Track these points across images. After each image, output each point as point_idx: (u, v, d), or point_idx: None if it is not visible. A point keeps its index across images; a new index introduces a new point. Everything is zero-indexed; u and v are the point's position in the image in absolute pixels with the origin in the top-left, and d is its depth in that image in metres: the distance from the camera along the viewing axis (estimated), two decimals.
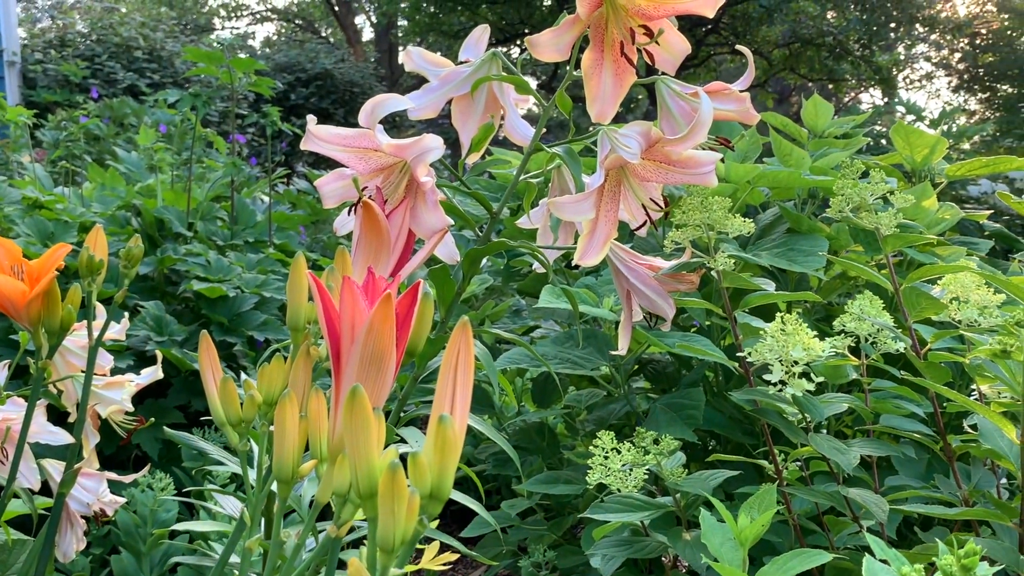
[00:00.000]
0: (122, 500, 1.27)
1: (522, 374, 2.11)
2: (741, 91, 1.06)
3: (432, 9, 9.99)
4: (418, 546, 0.63)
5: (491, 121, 1.04)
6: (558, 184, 1.17)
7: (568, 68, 1.02)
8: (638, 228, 1.00)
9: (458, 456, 0.54)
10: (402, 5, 10.37)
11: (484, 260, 1.32)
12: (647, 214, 0.98)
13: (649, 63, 0.99)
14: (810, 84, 14.39)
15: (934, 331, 1.16)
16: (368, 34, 19.79)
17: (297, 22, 21.49)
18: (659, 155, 0.97)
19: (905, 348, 1.05)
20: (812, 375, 0.96)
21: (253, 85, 2.61)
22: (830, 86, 14.47)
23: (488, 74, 1.12)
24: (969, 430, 1.05)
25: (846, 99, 16.41)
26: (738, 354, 1.05)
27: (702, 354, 1.20)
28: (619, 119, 1.11)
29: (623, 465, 1.08)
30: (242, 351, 2.23)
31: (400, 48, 17.09)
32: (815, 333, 0.94)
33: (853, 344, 1.16)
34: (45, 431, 1.15)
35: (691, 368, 1.59)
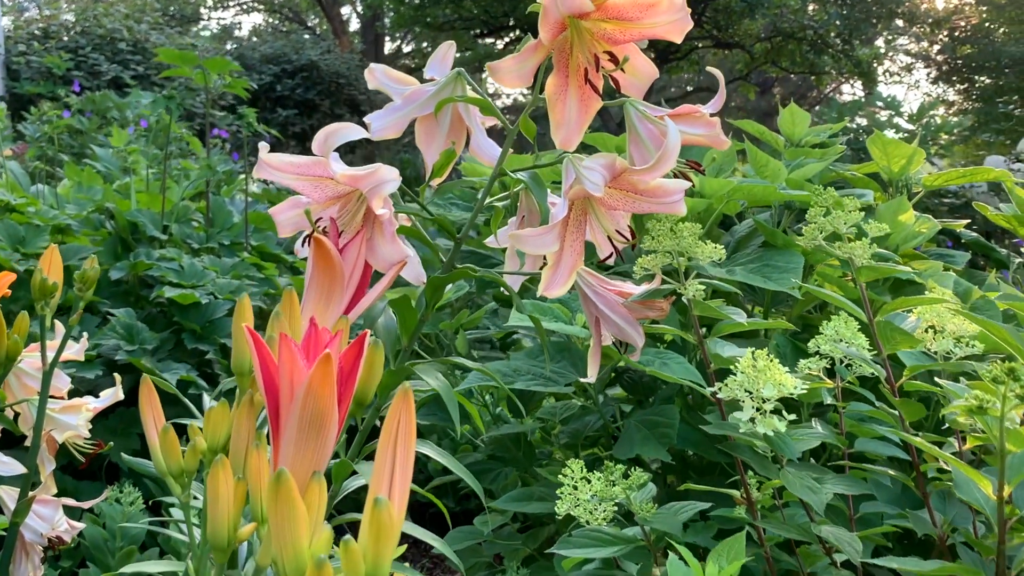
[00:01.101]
0: (80, 526, 1.23)
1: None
2: (711, 115, 1.03)
3: (417, 1, 9.92)
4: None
5: (452, 147, 1.00)
6: (526, 205, 1.14)
7: (533, 91, 0.99)
8: (605, 259, 0.97)
9: (396, 540, 0.51)
10: None
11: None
12: (613, 245, 0.95)
13: (615, 88, 0.96)
14: (791, 76, 14.40)
15: (912, 353, 1.14)
16: (355, 25, 19.66)
17: (284, 12, 21.34)
18: (626, 184, 0.94)
19: (879, 381, 1.02)
20: (784, 411, 0.93)
21: (228, 86, 2.56)
22: (812, 78, 14.48)
23: (452, 94, 1.09)
24: (945, 463, 1.03)
25: (827, 91, 16.42)
26: (709, 389, 1.03)
27: (673, 380, 1.17)
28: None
29: (591, 496, 1.05)
30: (215, 359, 2.19)
31: (387, 38, 17.00)
32: (786, 369, 0.92)
33: (828, 366, 1.14)
34: None
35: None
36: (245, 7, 22.06)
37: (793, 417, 0.95)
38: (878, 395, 1.21)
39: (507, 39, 12.19)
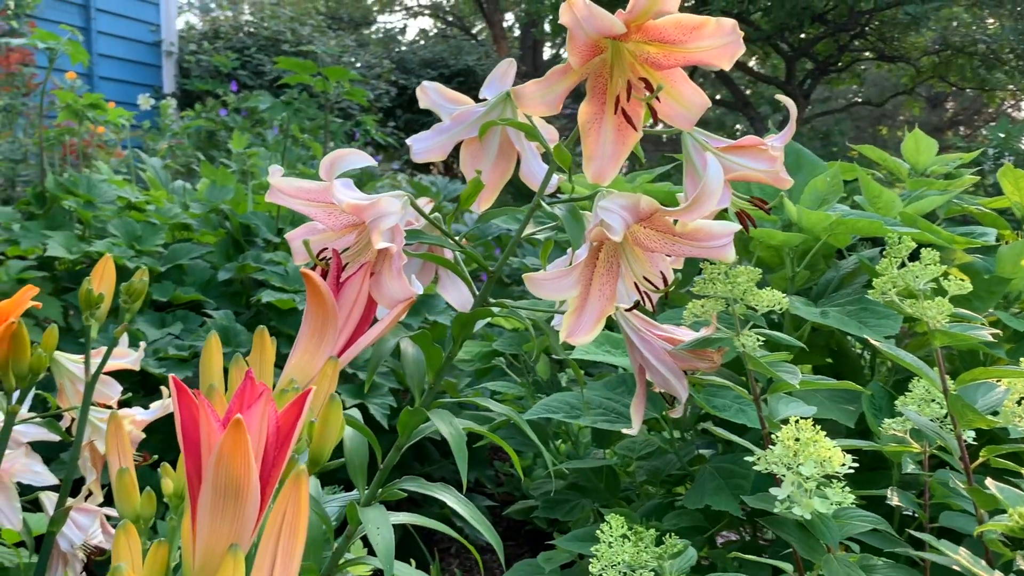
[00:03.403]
0: None
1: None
2: (777, 147, 0.92)
3: None
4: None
5: (478, 177, 0.93)
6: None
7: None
8: (630, 309, 0.87)
9: None
10: (544, 3, 10.28)
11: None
12: (639, 292, 0.85)
13: (655, 120, 0.86)
14: (965, 91, 13.46)
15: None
16: (518, 31, 19.80)
17: (448, 18, 21.79)
18: (661, 224, 0.84)
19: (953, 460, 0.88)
20: (838, 479, 0.81)
21: (348, 94, 2.58)
22: (983, 96, 13.50)
23: (499, 117, 1.01)
24: None
25: (1004, 106, 15.24)
26: (747, 458, 0.91)
27: (731, 439, 1.06)
28: None
29: (622, 563, 0.95)
30: None
31: (545, 45, 17.04)
32: (833, 444, 0.79)
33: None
34: (29, 471, 1.13)
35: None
36: (412, 11, 22.64)
37: (847, 489, 0.82)
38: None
39: None
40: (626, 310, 0.91)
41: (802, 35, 11.52)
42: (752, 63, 14.61)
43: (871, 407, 1.20)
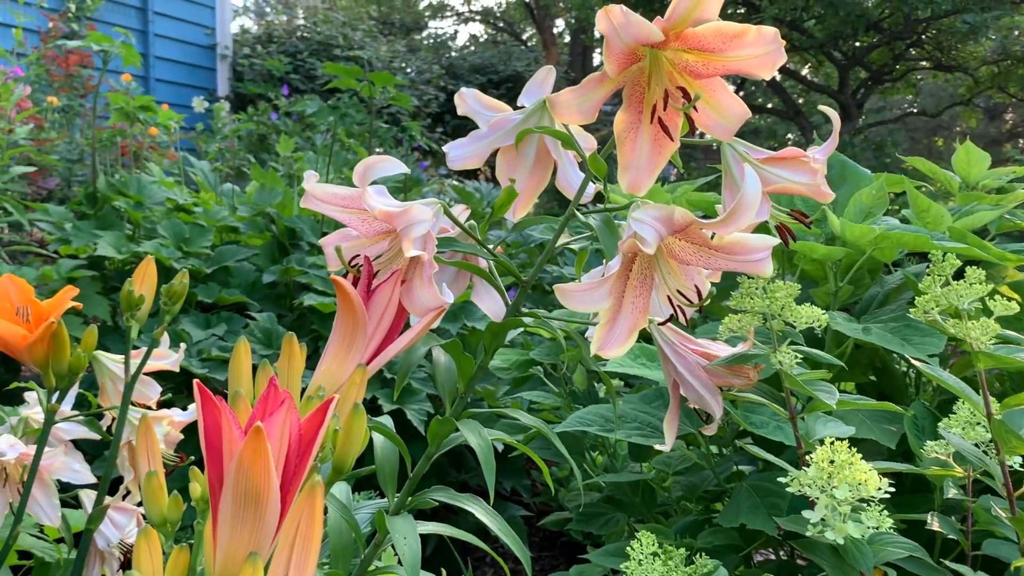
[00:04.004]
0: None
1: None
2: (820, 159, 0.90)
3: None
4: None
5: (512, 186, 0.92)
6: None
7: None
8: (664, 322, 0.86)
9: None
10: (594, 10, 10.24)
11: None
12: (673, 306, 0.83)
13: (692, 131, 0.84)
14: None
15: None
16: (568, 37, 19.77)
17: (498, 24, 21.85)
18: (697, 237, 0.83)
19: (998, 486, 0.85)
20: (866, 513, 0.78)
21: (393, 99, 2.59)
22: None
23: (536, 125, 1.00)
24: None
25: None
26: (780, 480, 0.89)
27: (766, 458, 1.03)
28: None
29: None
30: None
31: (594, 51, 17.00)
32: (870, 467, 0.77)
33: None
34: (68, 469, 1.14)
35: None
36: (464, 17, 22.75)
37: (882, 512, 0.80)
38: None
39: None
40: (659, 324, 0.89)
41: (856, 43, 11.33)
42: (804, 71, 14.42)
43: (913, 428, 1.17)
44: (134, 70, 5.60)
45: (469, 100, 1.08)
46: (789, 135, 14.78)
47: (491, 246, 1.03)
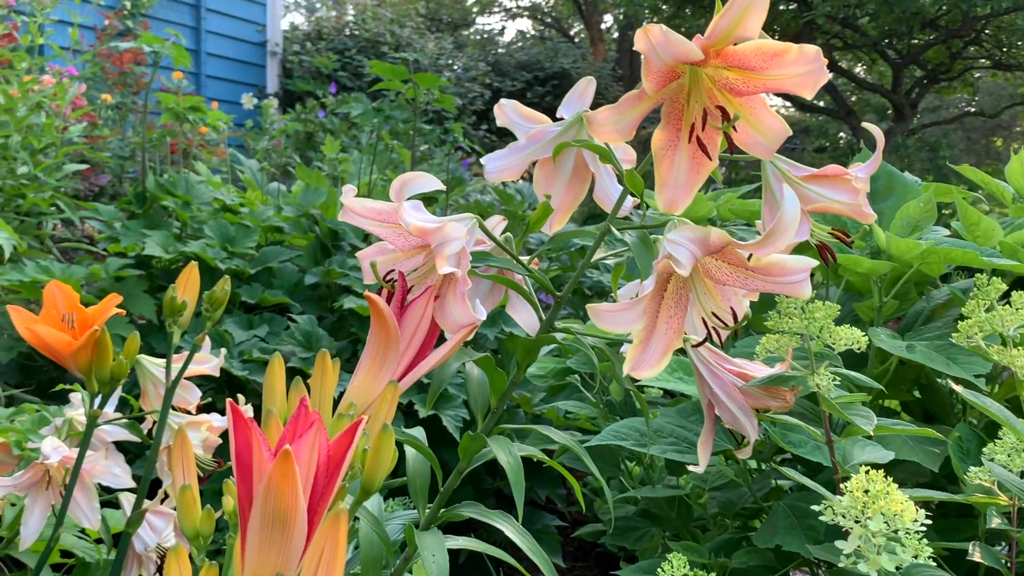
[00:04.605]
0: None
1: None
2: (862, 178, 0.88)
3: (668, 12, 9.74)
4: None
5: (547, 201, 0.91)
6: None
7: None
8: (697, 345, 0.85)
9: None
10: (642, 7, 10.18)
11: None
12: (707, 328, 0.82)
13: (731, 149, 0.83)
14: None
15: None
16: (616, 32, 19.66)
17: (546, 19, 21.80)
18: (733, 257, 0.81)
19: None
20: (903, 542, 0.77)
21: (437, 101, 2.60)
22: None
23: (574, 138, 1.00)
24: None
25: None
26: (813, 507, 0.87)
27: (801, 481, 1.01)
28: None
29: None
30: None
31: None
32: (906, 497, 0.75)
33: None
34: (108, 473, 1.16)
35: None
36: (511, 12, 22.73)
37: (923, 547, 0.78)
38: None
39: None
40: (694, 345, 0.88)
41: (912, 41, 11.11)
42: (858, 70, 14.19)
43: (958, 451, 1.14)
44: (185, 68, 5.69)
45: (508, 111, 1.08)
46: (841, 134, 14.55)
47: (527, 259, 1.03)
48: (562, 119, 1.05)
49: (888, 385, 1.46)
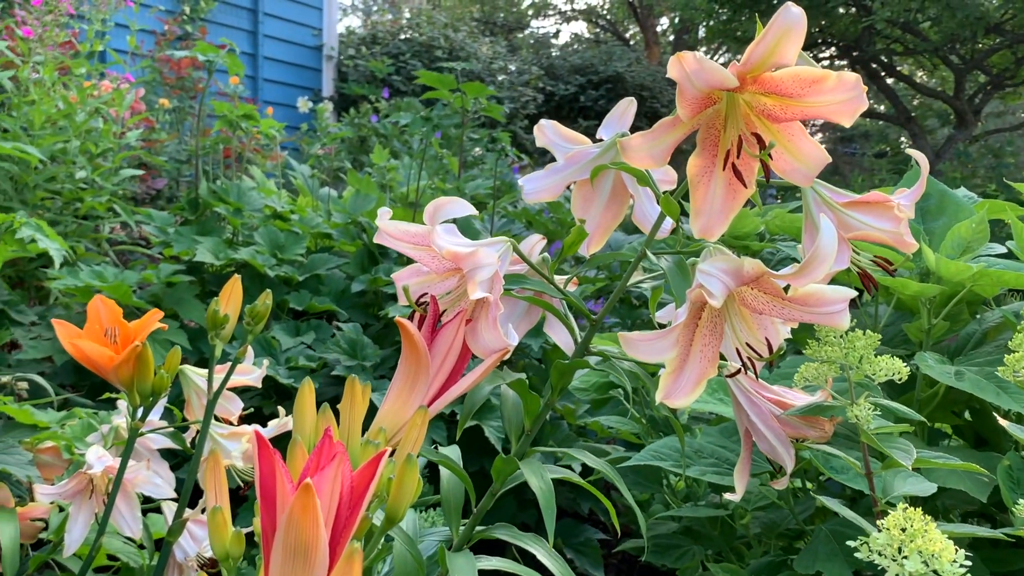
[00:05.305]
0: None
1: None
2: (905, 205, 0.86)
3: (725, 16, 9.64)
4: None
5: (582, 226, 0.91)
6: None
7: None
8: (732, 375, 0.83)
9: None
10: (698, 11, 10.09)
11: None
12: (740, 358, 0.81)
13: (767, 177, 0.81)
14: None
15: None
16: (672, 35, 19.52)
17: (601, 22, 21.74)
18: (769, 287, 0.80)
19: None
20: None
21: (484, 110, 2.60)
22: None
23: (612, 159, 0.99)
24: None
25: None
26: (849, 543, 0.85)
27: (838, 511, 0.99)
28: None
29: None
30: None
31: (697, 51, 16.71)
32: (946, 536, 0.73)
33: None
34: (150, 483, 1.18)
35: None
36: (566, 16, 22.69)
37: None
38: None
39: (820, 56, 11.56)
40: (728, 376, 0.87)
41: (975, 46, 10.84)
42: (919, 76, 13.90)
43: (1008, 480, 1.11)
44: (240, 75, 5.79)
45: (548, 132, 1.08)
46: (901, 139, 14.26)
47: (568, 277, 1.02)
48: (601, 140, 1.04)
49: (938, 407, 1.43)
